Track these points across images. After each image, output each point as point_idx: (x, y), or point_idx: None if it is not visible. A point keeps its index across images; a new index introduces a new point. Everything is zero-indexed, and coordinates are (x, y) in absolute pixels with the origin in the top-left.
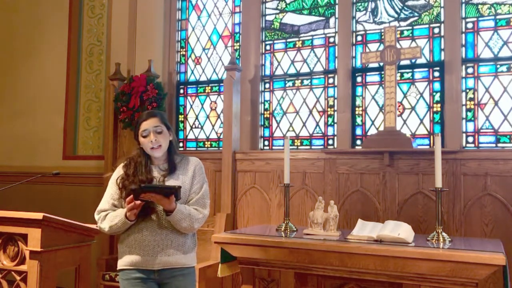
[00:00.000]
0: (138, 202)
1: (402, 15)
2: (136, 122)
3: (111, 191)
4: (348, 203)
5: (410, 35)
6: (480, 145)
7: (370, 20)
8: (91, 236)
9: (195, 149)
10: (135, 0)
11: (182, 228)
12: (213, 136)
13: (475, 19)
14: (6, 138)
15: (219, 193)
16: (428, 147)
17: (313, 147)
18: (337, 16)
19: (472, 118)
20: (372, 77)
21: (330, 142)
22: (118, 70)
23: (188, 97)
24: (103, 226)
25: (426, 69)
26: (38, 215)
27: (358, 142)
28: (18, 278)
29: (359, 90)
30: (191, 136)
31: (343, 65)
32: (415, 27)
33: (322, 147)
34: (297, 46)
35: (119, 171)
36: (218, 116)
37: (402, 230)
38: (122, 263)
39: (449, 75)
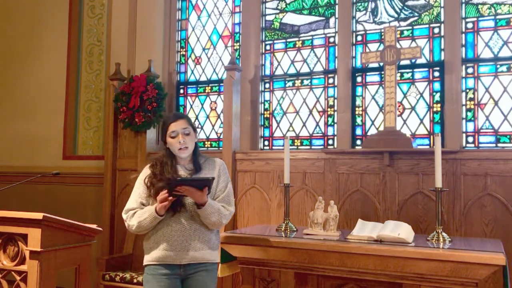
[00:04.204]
0: (170, 197)
1: (402, 15)
2: (164, 123)
3: (139, 190)
4: (348, 203)
5: (410, 35)
6: (480, 145)
7: (370, 20)
8: (91, 236)
9: None
10: (135, 0)
11: (211, 223)
12: (213, 136)
13: (475, 19)
14: (6, 138)
15: None
16: (428, 147)
17: (313, 147)
18: (337, 16)
19: (472, 118)
20: (372, 77)
21: (330, 142)
22: (118, 70)
23: (188, 97)
24: (131, 223)
25: (426, 69)
26: (38, 215)
27: (358, 142)
28: (18, 278)
29: (359, 90)
30: None
31: (343, 65)
32: (415, 27)
33: (322, 147)
34: (297, 46)
35: (145, 171)
36: (218, 116)
37: (402, 230)
38: (149, 258)
39: (449, 75)
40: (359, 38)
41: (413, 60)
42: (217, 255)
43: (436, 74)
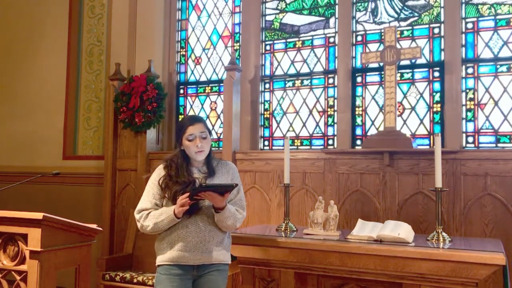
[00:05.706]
0: (189, 200)
1: (402, 15)
2: (181, 125)
3: (153, 191)
4: (348, 203)
5: (410, 35)
6: (480, 145)
7: (370, 20)
8: (91, 236)
9: None
10: (135, 0)
11: (226, 226)
12: (213, 136)
13: (475, 19)
14: (6, 138)
15: None
16: (428, 147)
17: (313, 147)
18: (337, 16)
19: (472, 118)
20: (372, 77)
21: (330, 142)
22: (118, 70)
23: (188, 97)
24: (146, 224)
25: (426, 69)
26: (38, 215)
27: (358, 142)
28: (18, 278)
29: (359, 90)
30: None
31: (343, 65)
32: (415, 27)
33: (322, 147)
34: (297, 46)
35: (159, 172)
36: (218, 116)
37: (402, 230)
38: (163, 258)
39: (449, 75)
40: (359, 38)
41: (413, 60)
42: (229, 256)
43: (436, 74)
